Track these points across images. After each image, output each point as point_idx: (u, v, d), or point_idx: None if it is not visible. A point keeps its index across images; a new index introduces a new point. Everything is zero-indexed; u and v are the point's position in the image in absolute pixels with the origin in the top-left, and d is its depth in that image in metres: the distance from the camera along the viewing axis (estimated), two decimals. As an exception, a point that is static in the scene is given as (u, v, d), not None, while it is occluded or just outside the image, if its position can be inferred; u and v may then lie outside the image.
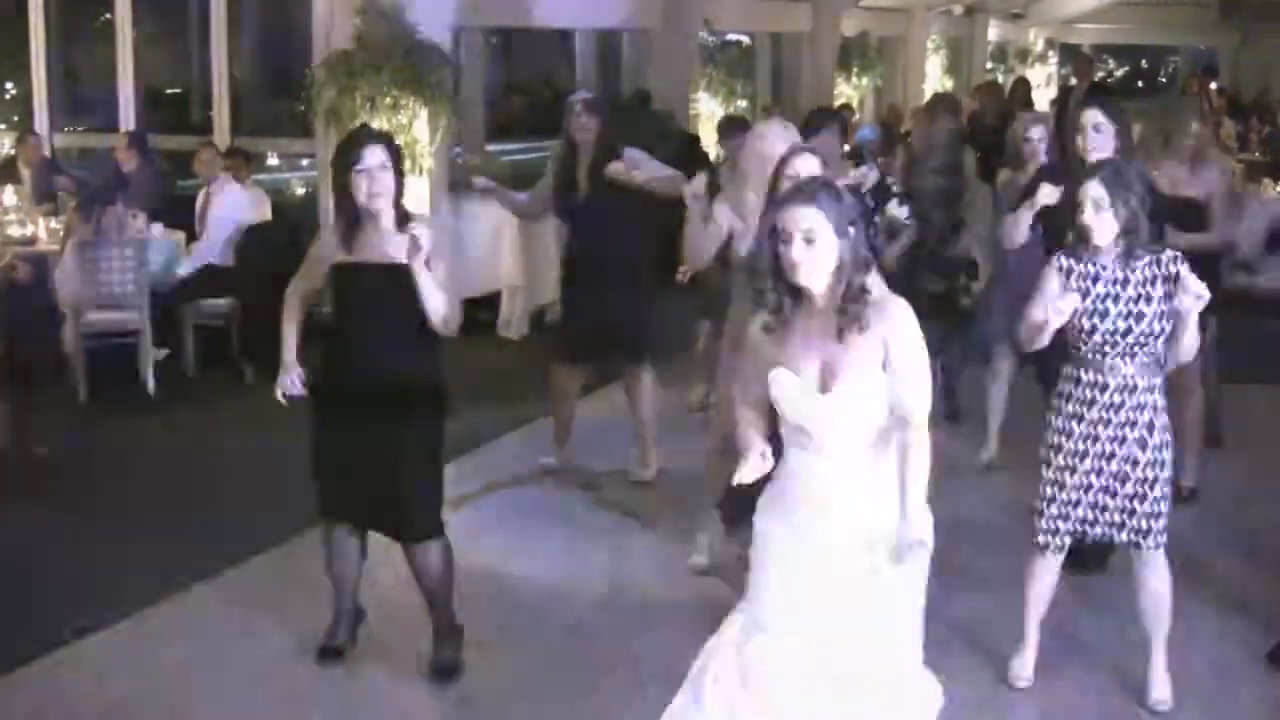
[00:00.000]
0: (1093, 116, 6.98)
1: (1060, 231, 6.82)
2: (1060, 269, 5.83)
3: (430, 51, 11.88)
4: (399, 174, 5.94)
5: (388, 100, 11.58)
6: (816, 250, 4.47)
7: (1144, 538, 5.88)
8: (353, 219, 5.97)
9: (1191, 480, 8.26)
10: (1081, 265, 5.79)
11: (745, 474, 4.48)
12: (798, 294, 4.56)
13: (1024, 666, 6.27)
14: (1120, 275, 5.74)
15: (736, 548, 6.13)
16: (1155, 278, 5.69)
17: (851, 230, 4.51)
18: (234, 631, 6.86)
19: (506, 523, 8.16)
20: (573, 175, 8.56)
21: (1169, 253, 5.75)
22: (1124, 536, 5.92)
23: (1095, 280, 5.76)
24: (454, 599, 6.37)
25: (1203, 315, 5.69)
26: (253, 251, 11.49)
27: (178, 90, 17.58)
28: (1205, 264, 7.55)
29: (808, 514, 4.60)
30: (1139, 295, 5.70)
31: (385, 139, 6.02)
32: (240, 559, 7.70)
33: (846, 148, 11.50)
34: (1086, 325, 5.77)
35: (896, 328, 4.52)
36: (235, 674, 6.42)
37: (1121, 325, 5.73)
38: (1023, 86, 19.66)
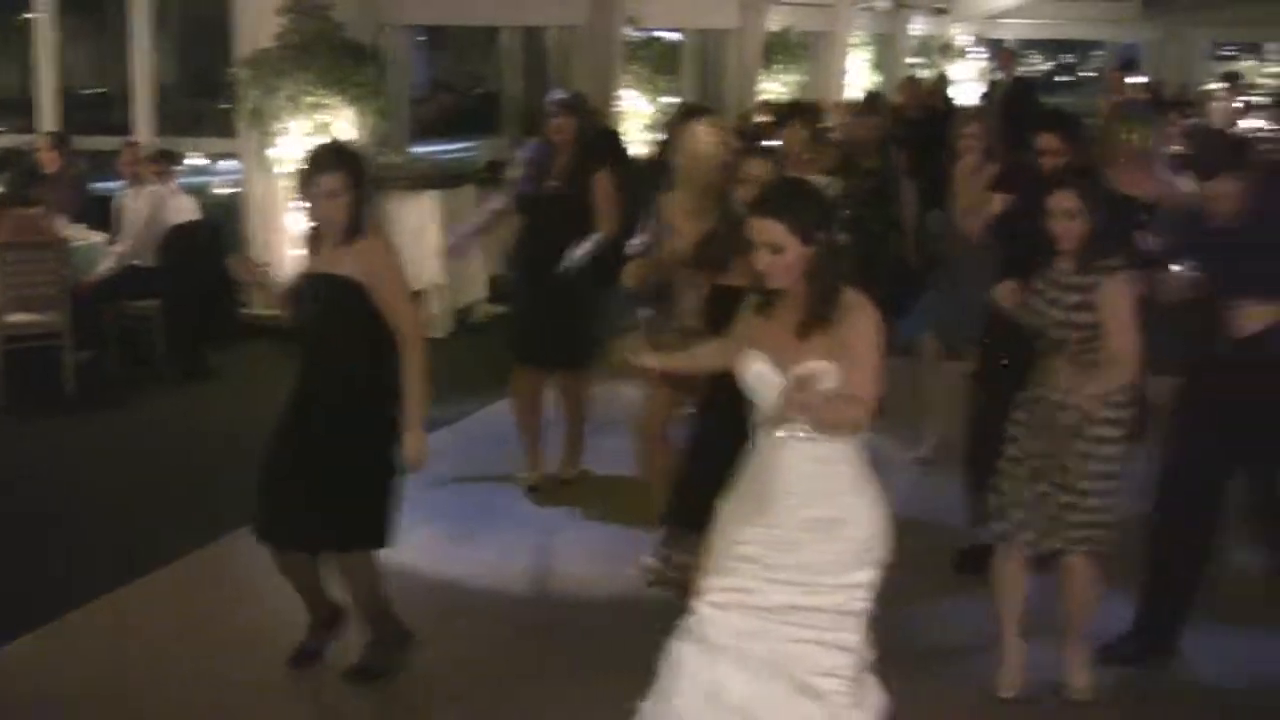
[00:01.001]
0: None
1: (1014, 237, 6.90)
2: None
3: (355, 50, 11.83)
4: (359, 189, 5.94)
5: (311, 100, 11.53)
6: (783, 258, 4.58)
7: (1078, 543, 5.88)
8: (314, 232, 6.05)
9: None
10: (1041, 266, 5.87)
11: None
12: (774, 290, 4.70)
13: (1008, 675, 6.21)
14: (1066, 282, 5.78)
15: (684, 556, 6.17)
16: (1096, 285, 5.71)
17: (820, 235, 4.60)
18: (165, 631, 6.82)
19: (435, 521, 8.14)
20: (547, 173, 8.52)
21: (1117, 262, 5.76)
22: (1058, 543, 5.91)
23: (1047, 283, 5.84)
24: (386, 605, 6.35)
25: None
26: (176, 252, 11.41)
27: (98, 90, 17.43)
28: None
29: (763, 491, 4.71)
30: (1080, 304, 5.73)
31: (344, 162, 5.98)
32: (167, 559, 7.63)
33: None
34: (1038, 322, 5.87)
35: (858, 326, 4.62)
36: (168, 673, 6.37)
37: (1062, 331, 5.78)
38: (944, 82, 19.77)
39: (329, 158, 6.01)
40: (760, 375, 4.70)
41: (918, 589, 7.10)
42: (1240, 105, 22.45)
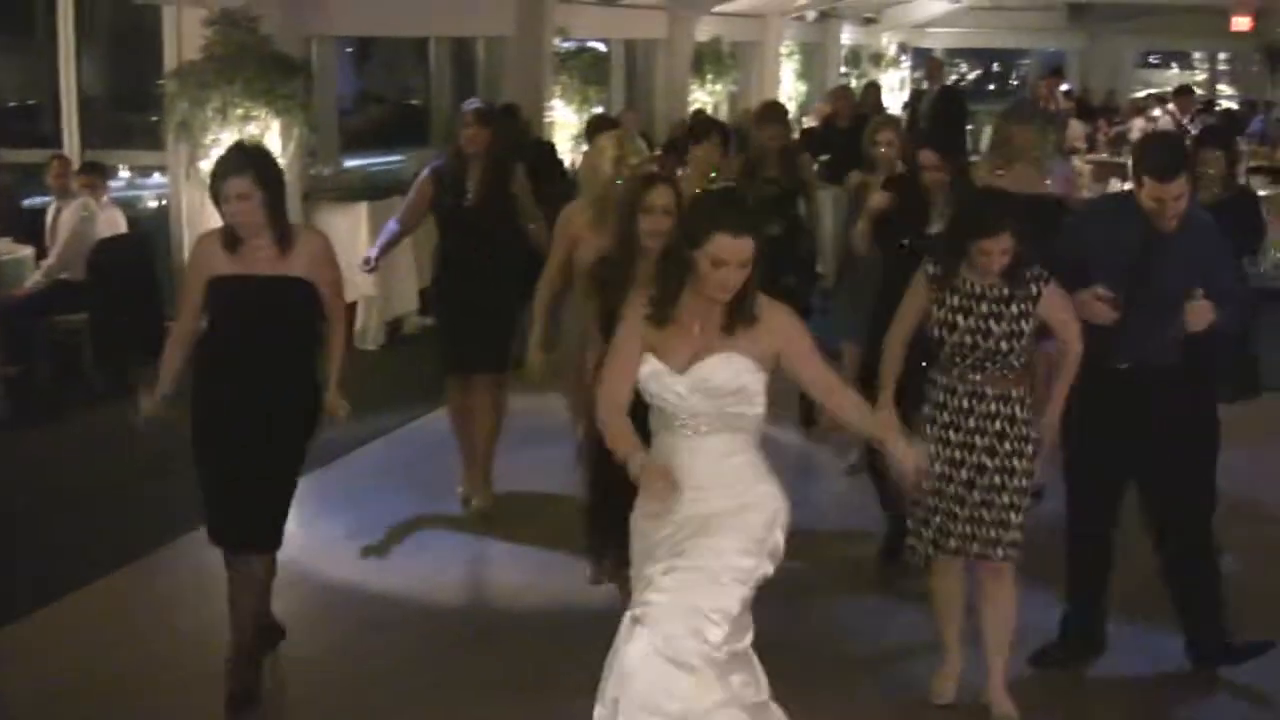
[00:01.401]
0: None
1: (895, 236, 7.02)
2: (928, 275, 5.91)
3: (283, 62, 11.81)
4: (272, 188, 5.95)
5: (240, 112, 11.50)
6: (745, 273, 4.71)
7: (993, 549, 5.88)
8: (234, 235, 6.00)
9: (1040, 478, 8.35)
10: (945, 275, 5.86)
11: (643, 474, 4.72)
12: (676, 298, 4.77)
13: (943, 681, 6.25)
14: (977, 290, 5.80)
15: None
16: (1012, 297, 5.75)
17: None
18: (100, 641, 6.81)
19: (367, 533, 8.14)
20: (461, 185, 8.51)
21: (1033, 271, 5.79)
22: (975, 549, 5.92)
23: (953, 293, 5.84)
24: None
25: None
26: (105, 266, 11.35)
27: (26, 102, 17.30)
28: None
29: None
30: (990, 313, 5.76)
31: (251, 164, 5.95)
32: (100, 573, 7.61)
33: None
34: (937, 335, 5.87)
35: (783, 327, 4.82)
36: (103, 685, 6.35)
37: (968, 340, 5.80)
38: (874, 91, 19.91)
39: (236, 160, 5.99)
40: (659, 378, 4.79)
41: (850, 596, 7.20)
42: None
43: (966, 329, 5.79)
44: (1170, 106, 20.19)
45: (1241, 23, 26.33)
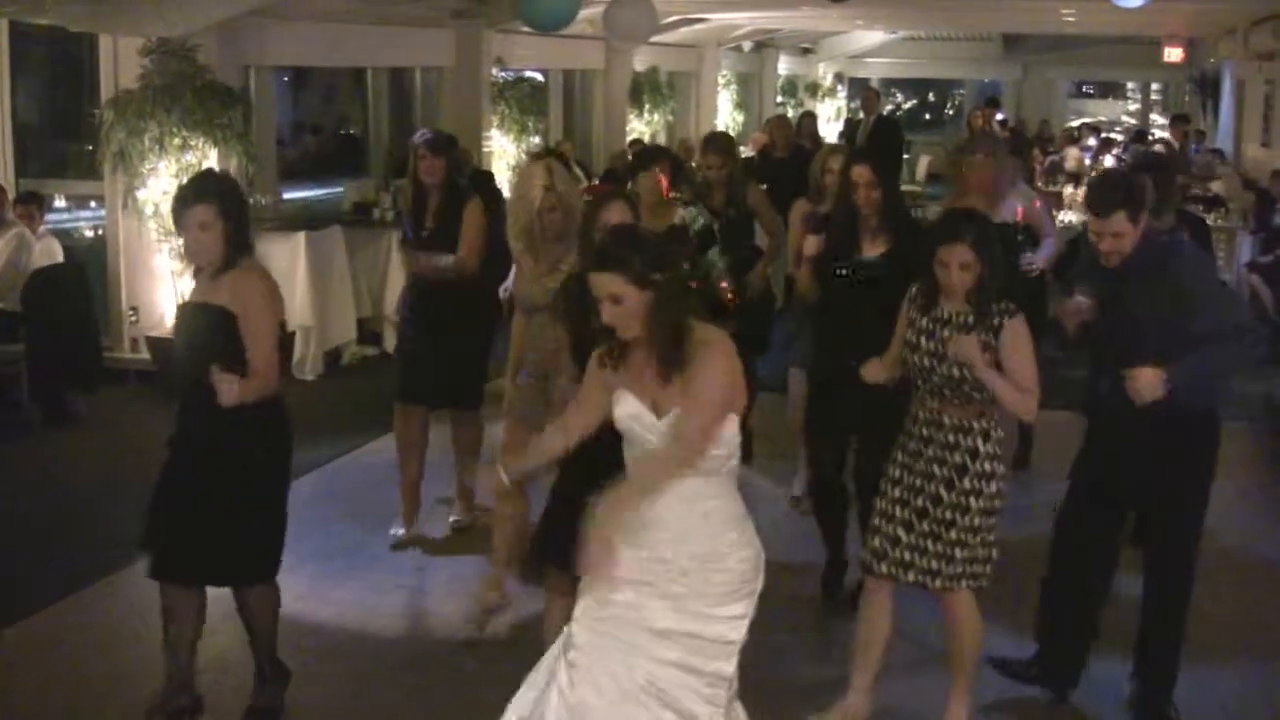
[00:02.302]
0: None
1: (831, 266, 7.08)
2: (909, 298, 5.97)
3: (221, 91, 11.79)
4: (233, 218, 5.85)
5: (177, 141, 11.47)
6: (625, 308, 4.60)
7: (931, 579, 5.86)
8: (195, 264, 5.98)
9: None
10: (922, 300, 5.90)
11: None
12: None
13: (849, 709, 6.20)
14: (945, 315, 5.81)
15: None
16: (975, 325, 5.73)
17: (656, 277, 4.62)
18: (39, 677, 6.76)
19: (304, 566, 8.10)
20: (420, 215, 8.49)
21: (1000, 305, 5.76)
22: (910, 576, 5.88)
23: (925, 315, 5.87)
24: (275, 642, 6.31)
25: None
26: (42, 296, 11.28)
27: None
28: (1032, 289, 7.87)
29: (640, 529, 4.69)
30: (951, 338, 5.73)
31: (215, 193, 5.87)
32: (36, 607, 7.54)
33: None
34: (901, 355, 5.93)
35: (706, 363, 4.65)
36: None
37: (926, 364, 5.80)
38: (810, 121, 20.00)
39: (200, 188, 5.92)
40: (635, 417, 4.71)
41: (789, 627, 7.20)
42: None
43: (926, 351, 5.80)
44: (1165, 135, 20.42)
45: (1174, 53, 26.65)
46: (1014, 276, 8.07)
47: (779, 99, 28.83)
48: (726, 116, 25.58)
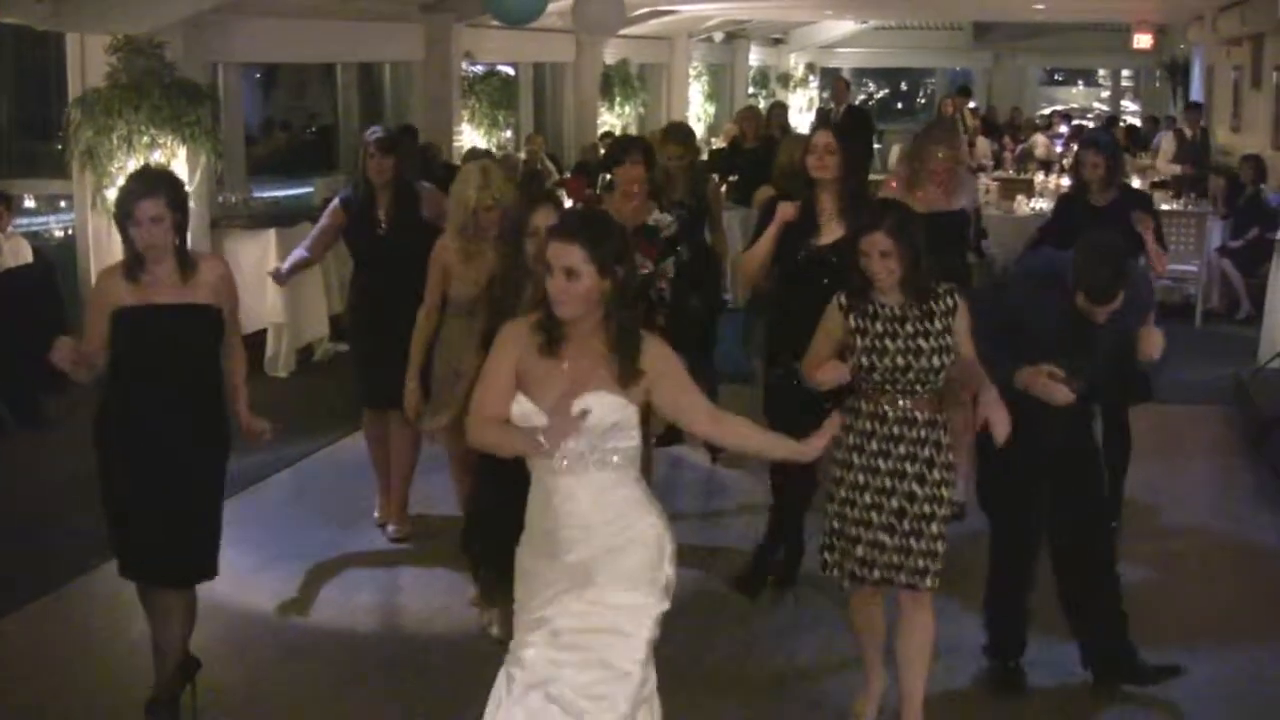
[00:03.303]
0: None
1: (792, 250, 7.07)
2: (841, 306, 5.84)
3: (189, 89, 11.75)
4: (180, 212, 5.90)
5: (146, 139, 11.42)
6: (578, 284, 4.56)
7: (921, 579, 5.83)
8: (137, 263, 5.93)
9: (961, 496, 8.37)
10: (861, 303, 5.81)
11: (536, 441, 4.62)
12: (560, 323, 4.65)
13: (866, 703, 6.25)
14: (898, 313, 5.77)
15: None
16: (932, 313, 5.74)
17: (619, 270, 4.61)
18: (15, 674, 6.75)
19: (279, 563, 8.10)
20: (372, 214, 8.43)
21: (944, 286, 5.81)
22: (902, 578, 5.85)
23: (874, 319, 5.78)
24: None
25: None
26: (10, 296, 11.23)
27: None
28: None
29: (552, 527, 4.72)
30: (916, 331, 5.73)
31: (163, 186, 5.90)
32: (13, 606, 7.51)
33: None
34: (865, 363, 5.77)
35: (659, 361, 4.69)
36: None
37: (900, 362, 5.74)
38: (780, 111, 20.00)
39: (148, 182, 5.95)
40: (527, 416, 4.66)
41: (759, 615, 7.23)
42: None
43: (897, 351, 5.73)
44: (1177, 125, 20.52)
45: (1143, 40, 26.70)
46: (965, 264, 8.19)
47: (750, 90, 28.81)
48: (698, 108, 25.57)
